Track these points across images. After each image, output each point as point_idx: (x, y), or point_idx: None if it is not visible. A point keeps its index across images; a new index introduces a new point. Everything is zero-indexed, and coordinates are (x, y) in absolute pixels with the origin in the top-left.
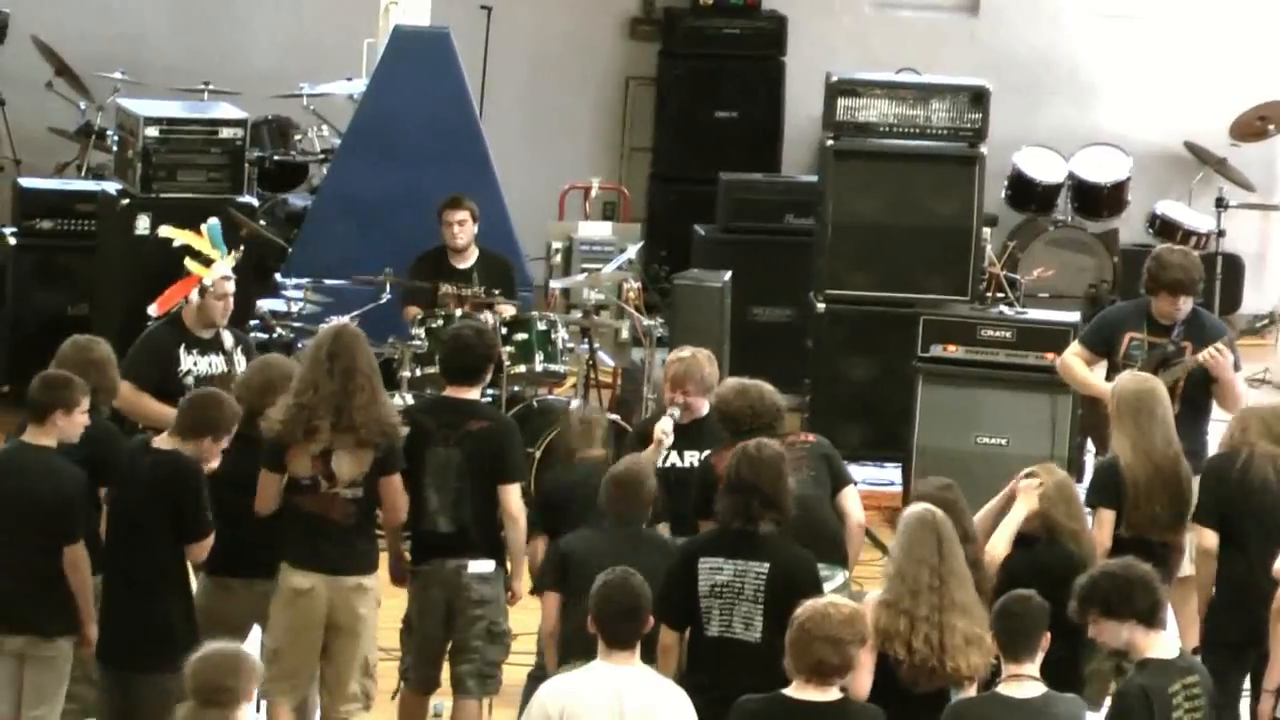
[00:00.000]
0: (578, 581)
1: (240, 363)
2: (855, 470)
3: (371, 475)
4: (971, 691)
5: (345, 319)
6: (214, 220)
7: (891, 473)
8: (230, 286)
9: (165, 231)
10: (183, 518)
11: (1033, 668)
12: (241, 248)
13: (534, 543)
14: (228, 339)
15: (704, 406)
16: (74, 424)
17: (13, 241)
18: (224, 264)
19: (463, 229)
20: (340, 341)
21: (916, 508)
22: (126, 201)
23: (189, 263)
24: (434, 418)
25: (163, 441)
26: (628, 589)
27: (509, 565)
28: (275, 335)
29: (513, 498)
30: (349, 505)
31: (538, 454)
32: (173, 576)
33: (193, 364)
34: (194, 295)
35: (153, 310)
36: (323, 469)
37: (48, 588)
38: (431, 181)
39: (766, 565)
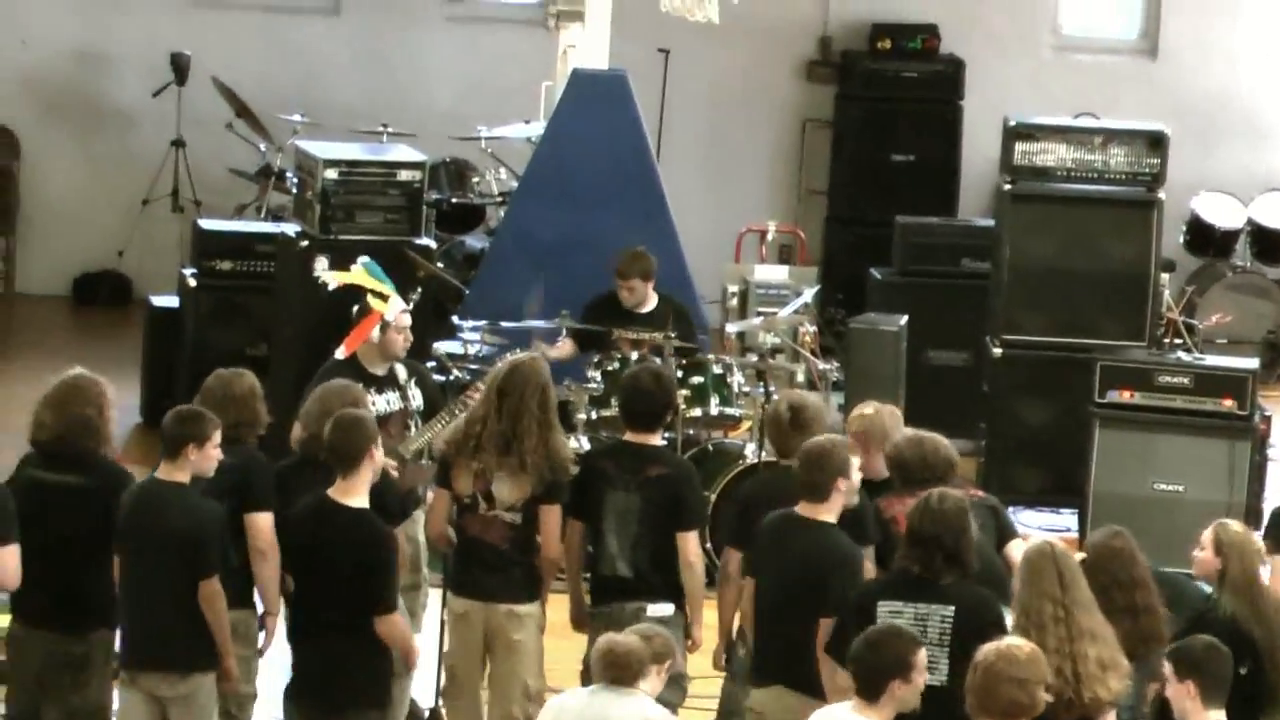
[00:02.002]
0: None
1: (415, 396)
2: (1031, 516)
3: (531, 503)
4: (1111, 718)
5: (527, 353)
6: (365, 258)
7: (1068, 519)
8: (408, 319)
9: (326, 276)
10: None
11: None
12: (419, 289)
13: (727, 555)
14: (401, 373)
15: (883, 468)
16: (207, 458)
17: (193, 283)
18: (398, 299)
19: (633, 293)
20: (512, 379)
21: (1035, 542)
22: (305, 243)
23: (371, 299)
24: (614, 462)
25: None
26: None
27: (688, 610)
28: (452, 377)
29: (691, 544)
30: (506, 529)
31: (713, 497)
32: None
33: (370, 403)
34: (375, 332)
35: (340, 354)
36: (483, 489)
37: (184, 624)
38: (608, 224)
39: (952, 609)
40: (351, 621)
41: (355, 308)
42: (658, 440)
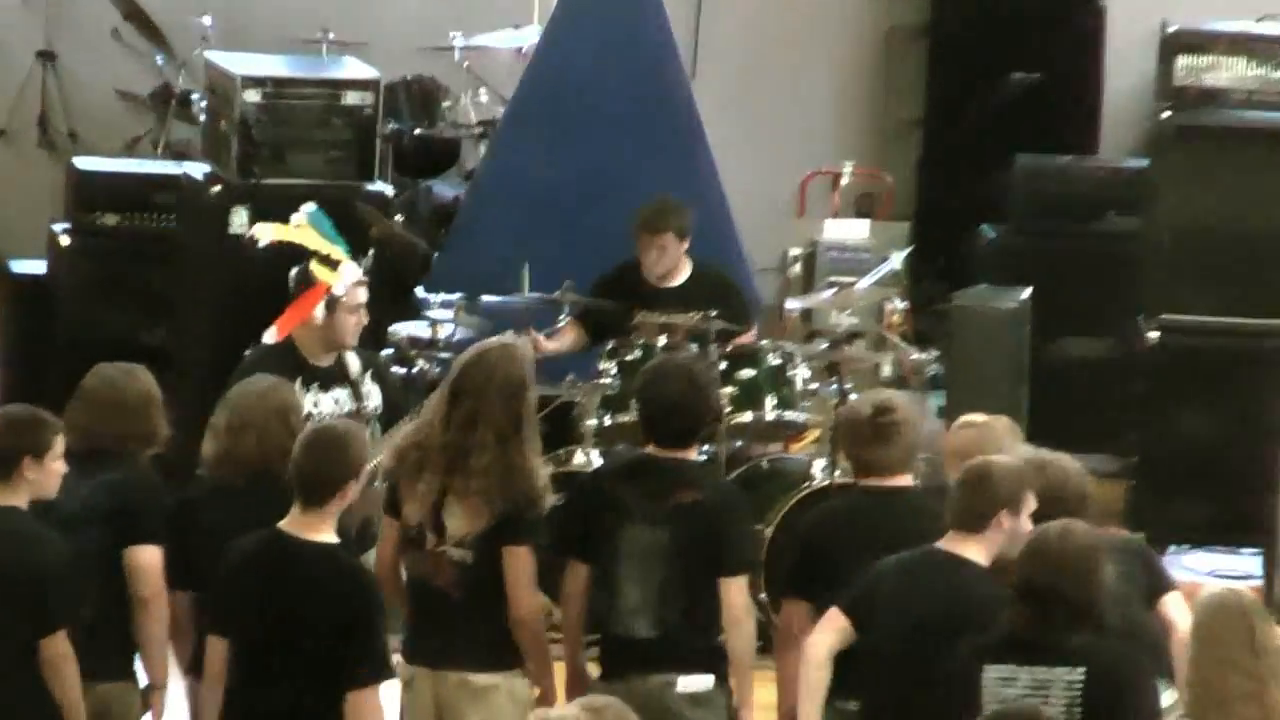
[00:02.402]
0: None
1: (372, 394)
2: (1198, 559)
3: (488, 540)
4: None
5: (503, 339)
6: (311, 206)
7: (1248, 561)
8: (364, 295)
9: (259, 231)
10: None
11: None
12: (371, 252)
13: (788, 609)
14: (354, 365)
15: None
16: (48, 474)
17: (66, 241)
18: (352, 265)
19: (663, 255)
20: (472, 373)
21: (1212, 592)
22: (218, 189)
23: (315, 267)
24: (633, 485)
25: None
26: None
27: (733, 684)
28: (415, 369)
29: (737, 595)
30: (455, 571)
31: (769, 531)
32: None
33: (313, 404)
34: (319, 311)
35: (270, 336)
36: (431, 517)
37: (23, 700)
38: (627, 165)
39: (1081, 671)
40: (317, 700)
41: (293, 274)
42: (692, 455)
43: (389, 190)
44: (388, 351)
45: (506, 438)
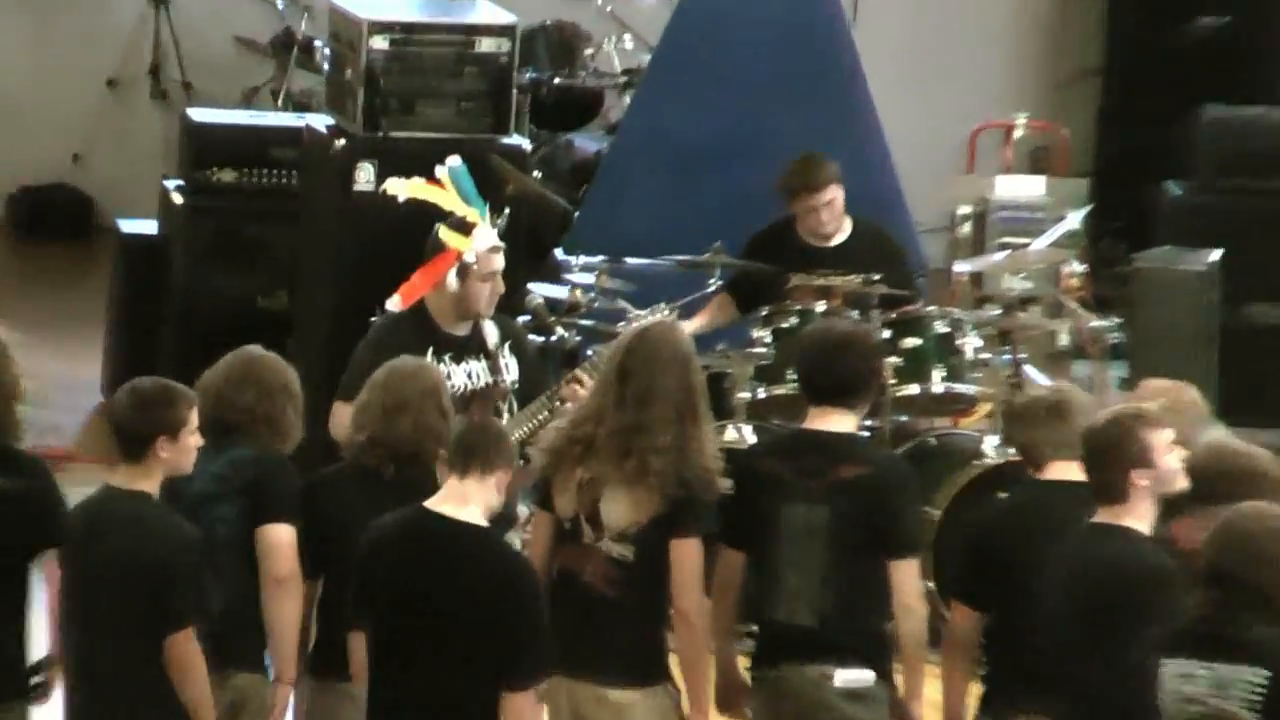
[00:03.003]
0: None
1: (509, 367)
2: None
3: (654, 530)
4: None
5: (659, 314)
6: (456, 161)
7: None
8: (500, 261)
9: (394, 187)
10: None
11: None
12: (506, 211)
13: (958, 613)
14: (491, 334)
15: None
16: (184, 450)
17: (179, 200)
18: (488, 228)
19: (832, 211)
20: (638, 354)
21: None
22: (342, 143)
23: (444, 233)
24: (789, 462)
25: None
26: None
27: (902, 679)
28: (553, 338)
29: (908, 579)
30: (613, 569)
31: (937, 515)
32: None
33: (446, 376)
34: (451, 278)
35: (393, 305)
36: (588, 509)
37: (144, 701)
38: (783, 119)
39: (1265, 674)
40: (471, 699)
41: (434, 234)
42: (852, 426)
43: (526, 144)
44: (524, 319)
45: (686, 417)
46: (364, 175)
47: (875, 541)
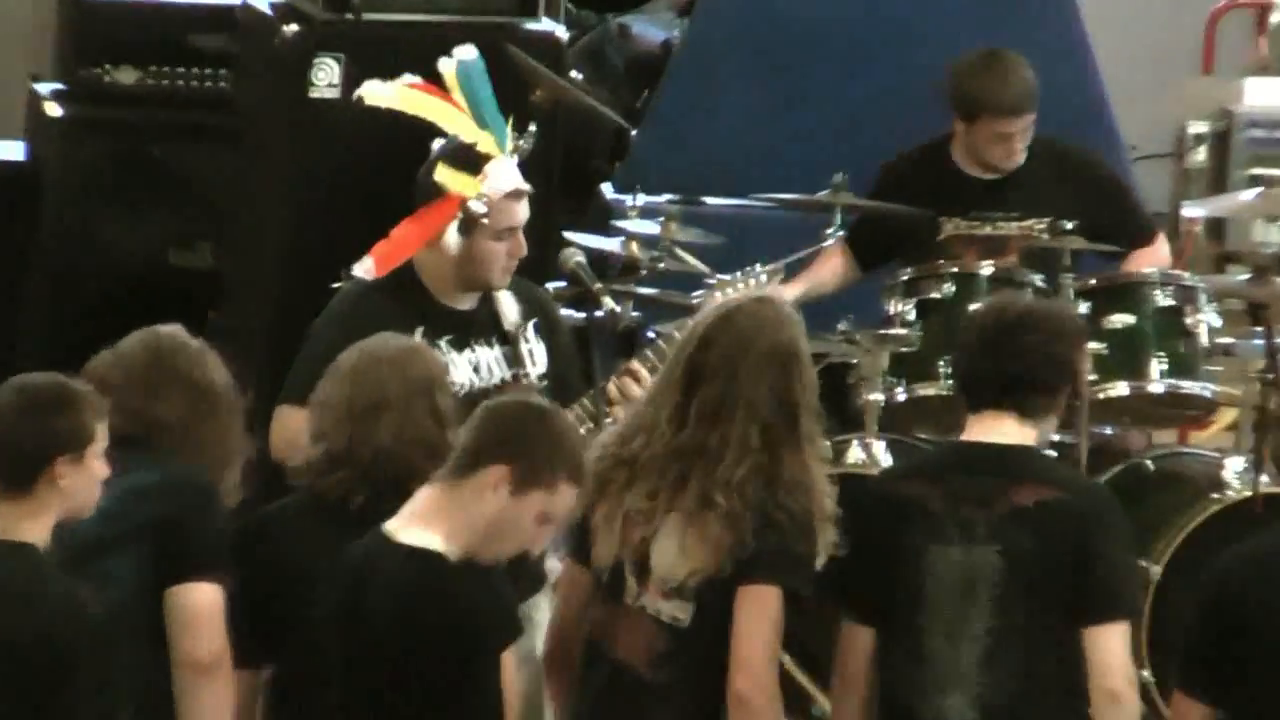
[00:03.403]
0: None
1: (536, 355)
2: None
3: (726, 584)
4: None
5: (752, 281)
6: (469, 53)
7: None
8: (523, 211)
9: (372, 93)
10: None
11: None
12: (532, 129)
13: (1182, 707)
14: (509, 310)
15: None
16: (88, 478)
17: (57, 111)
18: (508, 162)
19: (1023, 138)
20: (718, 346)
21: None
22: (295, 29)
23: (442, 170)
24: (941, 486)
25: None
26: None
27: None
28: (600, 313)
29: (1115, 649)
30: (661, 636)
31: (1157, 570)
32: None
33: (449, 366)
34: (450, 234)
35: (364, 270)
36: (636, 554)
37: None
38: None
39: None
40: None
41: (427, 167)
42: (1033, 442)
43: (561, 31)
44: (558, 285)
45: (777, 436)
46: (325, 75)
47: (1066, 597)
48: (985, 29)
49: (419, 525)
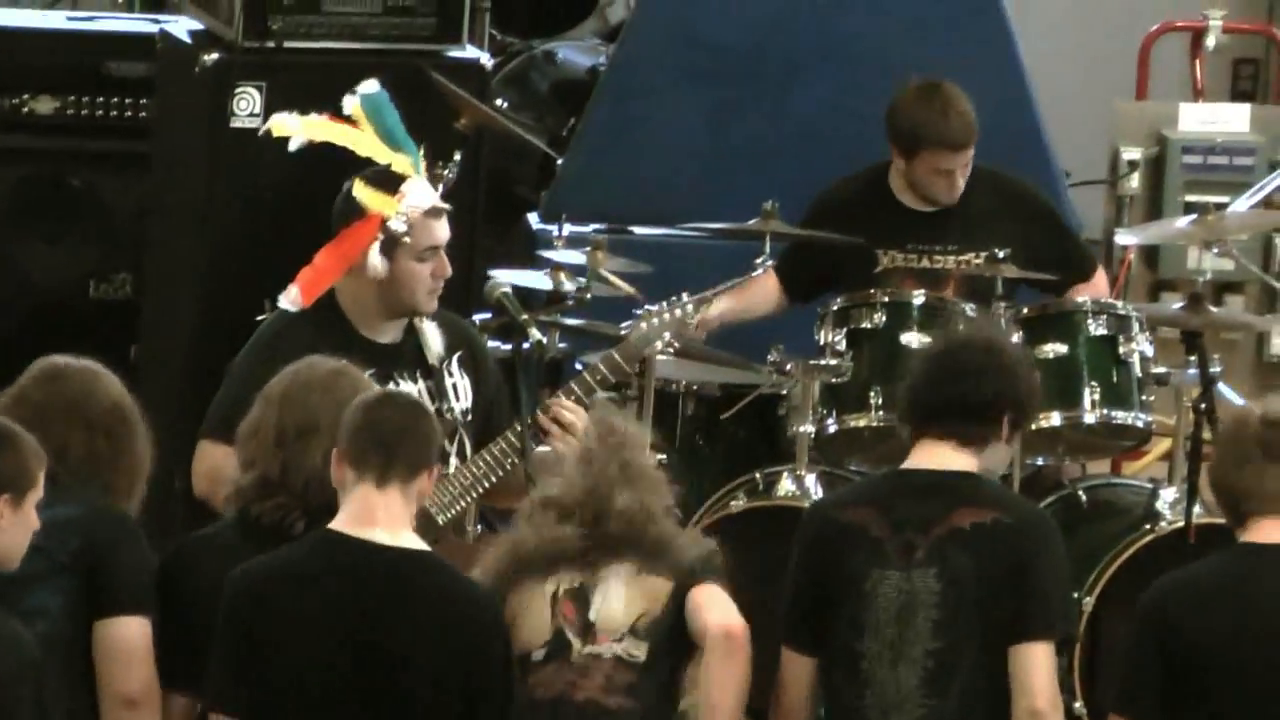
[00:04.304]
0: None
1: (461, 390)
2: None
3: (666, 618)
4: None
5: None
6: (373, 87)
7: None
8: (444, 230)
9: (280, 125)
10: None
11: None
12: (456, 158)
13: None
14: (433, 341)
15: None
16: (23, 525)
17: None
18: (423, 183)
19: (964, 173)
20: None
21: None
22: (214, 58)
23: (361, 190)
24: (879, 511)
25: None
26: None
27: None
28: (527, 344)
29: (1041, 667)
30: (621, 674)
31: (1090, 601)
32: None
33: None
34: (373, 257)
35: (289, 301)
36: (576, 617)
37: None
38: (865, 17)
39: None
40: None
41: (345, 192)
42: (980, 468)
43: (485, 58)
44: (483, 316)
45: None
46: (246, 104)
47: (1003, 618)
48: (921, 51)
49: (393, 526)
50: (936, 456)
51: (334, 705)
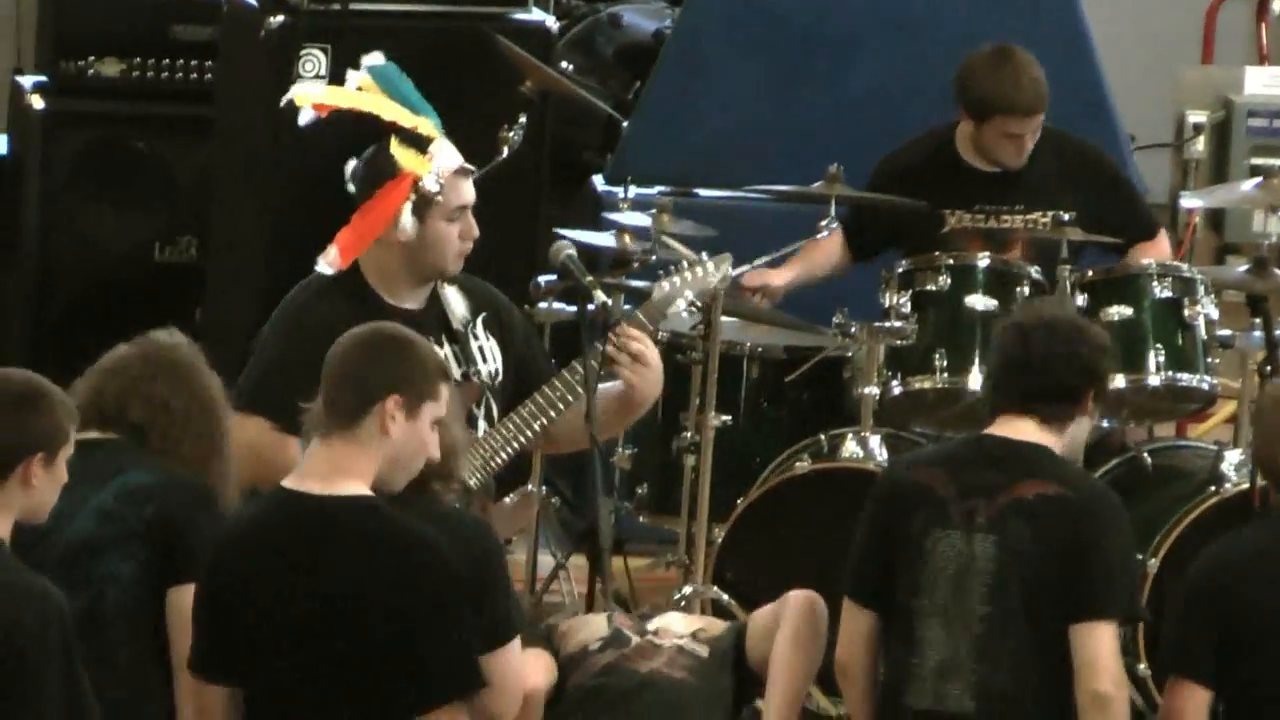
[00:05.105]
0: None
1: (487, 352)
2: None
3: (726, 638)
4: None
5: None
6: (378, 58)
7: None
8: (470, 190)
9: (302, 96)
10: None
11: None
12: (521, 121)
13: (1178, 694)
14: (456, 305)
15: None
16: (54, 479)
17: (39, 104)
18: (448, 145)
19: (1032, 138)
20: None
21: None
22: (280, 20)
23: (398, 150)
24: (949, 473)
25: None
26: None
27: None
28: (594, 304)
29: (1105, 649)
30: (684, 658)
31: (1155, 563)
32: None
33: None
34: (405, 218)
35: (328, 263)
36: (634, 625)
37: None
38: None
39: None
40: None
41: (372, 154)
42: (1064, 444)
43: (550, 21)
44: (548, 279)
45: None
46: (312, 67)
47: (1062, 592)
48: (985, 19)
49: (342, 478)
50: (1016, 429)
51: (288, 660)
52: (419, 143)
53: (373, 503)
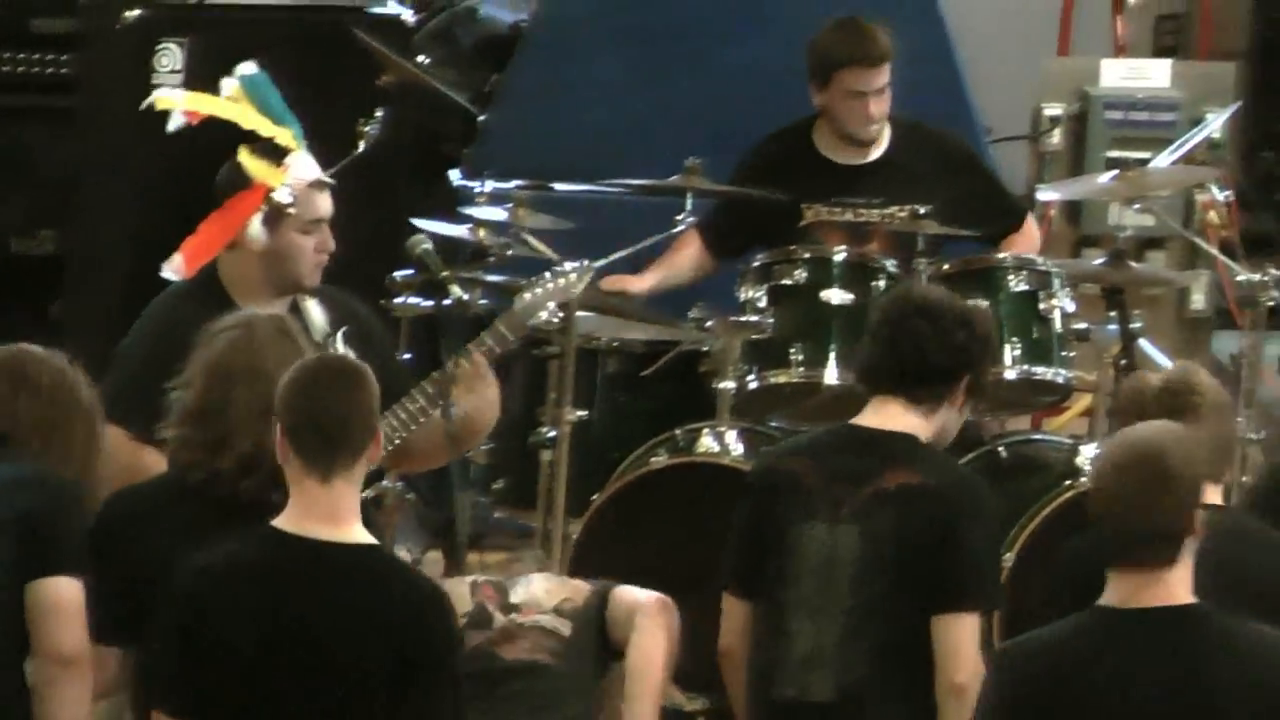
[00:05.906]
0: None
1: None
2: None
3: (588, 610)
4: None
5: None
6: (251, 68)
7: None
8: (327, 204)
9: (165, 100)
10: None
11: None
12: (379, 115)
13: None
14: (315, 316)
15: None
16: None
17: None
18: (306, 157)
19: (881, 104)
20: None
21: None
22: (138, 14)
23: (248, 160)
24: (817, 463)
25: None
26: None
27: None
28: (449, 301)
29: (965, 639)
30: (548, 640)
31: (1011, 556)
32: None
33: None
34: (255, 228)
35: (172, 270)
36: (497, 597)
37: None
38: None
39: None
40: None
41: (228, 166)
42: (921, 432)
43: (408, 14)
44: (406, 273)
45: None
46: (168, 61)
47: (924, 583)
48: (841, 9)
49: (347, 524)
50: (884, 415)
51: (276, 701)
52: (275, 153)
53: (383, 552)
